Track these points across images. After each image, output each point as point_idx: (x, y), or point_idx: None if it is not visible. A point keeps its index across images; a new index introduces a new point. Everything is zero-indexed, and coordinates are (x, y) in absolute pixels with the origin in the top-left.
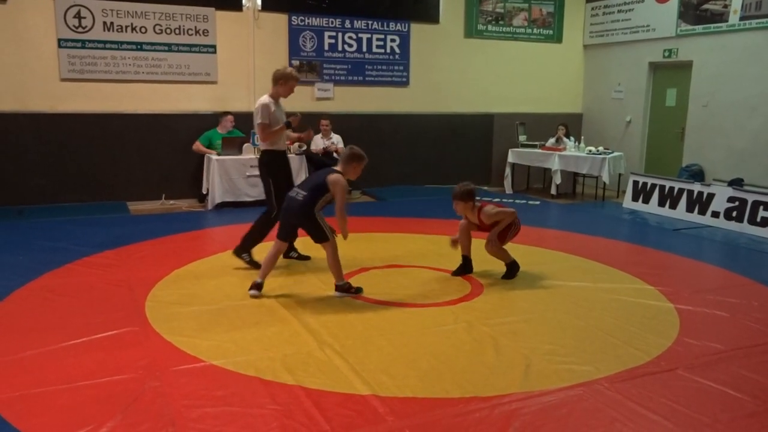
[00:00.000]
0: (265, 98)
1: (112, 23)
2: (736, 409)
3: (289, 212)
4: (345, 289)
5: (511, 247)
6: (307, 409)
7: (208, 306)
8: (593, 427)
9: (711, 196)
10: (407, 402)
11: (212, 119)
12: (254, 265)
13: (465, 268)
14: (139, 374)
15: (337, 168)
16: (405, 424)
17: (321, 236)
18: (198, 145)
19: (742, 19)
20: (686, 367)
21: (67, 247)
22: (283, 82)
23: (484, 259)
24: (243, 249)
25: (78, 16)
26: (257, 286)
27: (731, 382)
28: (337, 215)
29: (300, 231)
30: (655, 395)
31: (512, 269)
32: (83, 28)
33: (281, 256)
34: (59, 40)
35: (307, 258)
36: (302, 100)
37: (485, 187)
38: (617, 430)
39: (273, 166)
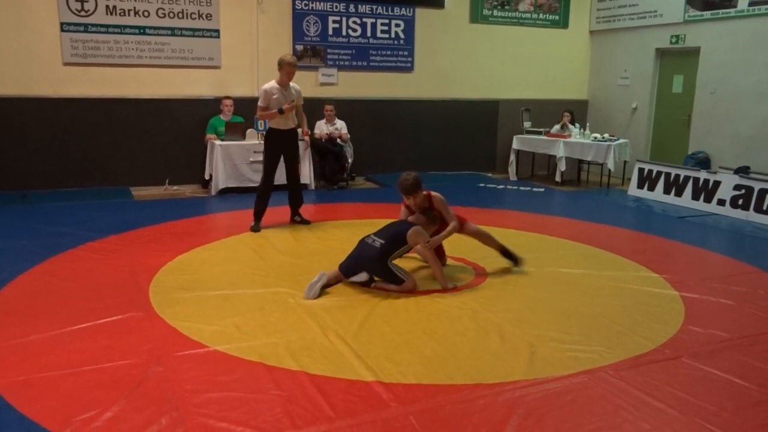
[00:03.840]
0: (270, 83)
1: (114, 7)
2: (742, 397)
3: (362, 259)
4: None
5: (515, 234)
6: (311, 395)
7: (212, 292)
8: (597, 415)
9: (717, 183)
10: (411, 388)
11: (215, 104)
12: (256, 230)
13: None
14: (143, 359)
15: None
16: (409, 411)
17: (396, 281)
18: (208, 137)
19: (751, 4)
20: (691, 355)
21: (70, 233)
22: (280, 68)
23: (487, 251)
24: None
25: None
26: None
27: (736, 370)
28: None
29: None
30: (660, 383)
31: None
32: (86, 11)
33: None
34: (62, 24)
35: (307, 222)
36: (306, 85)
37: (490, 174)
38: (622, 418)
39: (270, 143)
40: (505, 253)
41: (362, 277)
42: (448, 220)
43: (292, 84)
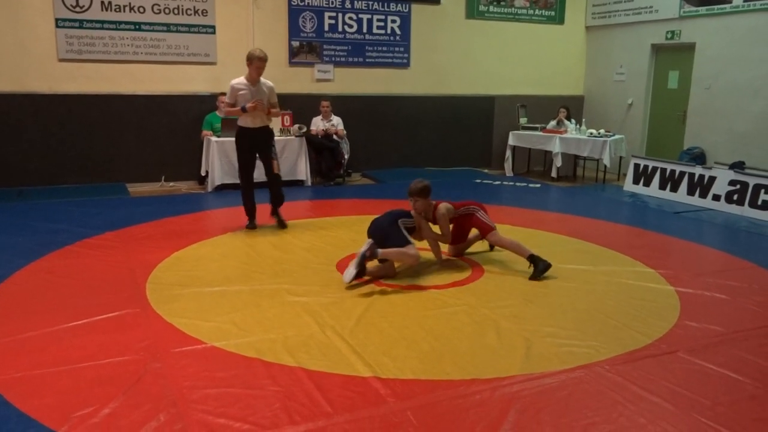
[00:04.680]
0: (238, 79)
1: (110, 3)
2: (737, 391)
3: (375, 225)
4: None
5: (511, 231)
6: (308, 390)
7: (209, 288)
8: (594, 409)
9: (712, 179)
10: (408, 384)
11: (212, 101)
12: (251, 227)
13: None
14: (141, 356)
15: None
16: (406, 406)
17: (401, 242)
18: (204, 133)
19: (746, 0)
20: (687, 349)
21: (67, 229)
22: (249, 63)
23: (484, 248)
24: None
25: None
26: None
27: (731, 364)
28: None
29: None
30: (656, 377)
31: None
32: (81, 7)
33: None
34: (57, 20)
35: (284, 225)
36: (302, 81)
37: (486, 170)
38: (618, 412)
39: (240, 142)
40: (534, 260)
41: (366, 245)
42: (441, 233)
43: (263, 80)
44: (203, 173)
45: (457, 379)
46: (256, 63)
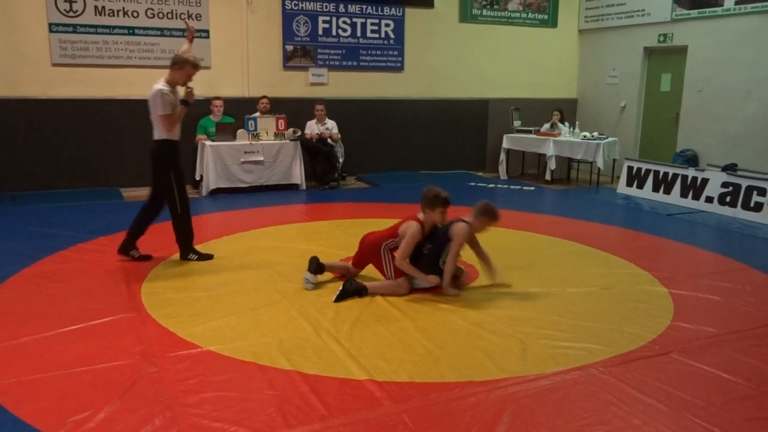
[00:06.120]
0: (161, 85)
1: (103, 7)
2: (730, 392)
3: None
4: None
5: (506, 233)
6: (304, 393)
7: (204, 292)
8: (588, 411)
9: (705, 181)
10: (404, 386)
11: (206, 105)
12: (205, 257)
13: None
14: (136, 360)
15: (467, 219)
16: (402, 408)
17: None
18: (198, 137)
19: (737, 3)
20: (680, 350)
21: (61, 234)
22: (178, 68)
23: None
24: (186, 252)
25: (69, 0)
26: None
27: (724, 365)
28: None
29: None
30: (650, 379)
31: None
32: (74, 12)
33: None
34: (50, 25)
35: (209, 257)
36: (297, 85)
37: (480, 173)
38: (612, 413)
39: (169, 153)
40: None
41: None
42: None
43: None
44: (197, 177)
45: (452, 381)
46: (189, 69)
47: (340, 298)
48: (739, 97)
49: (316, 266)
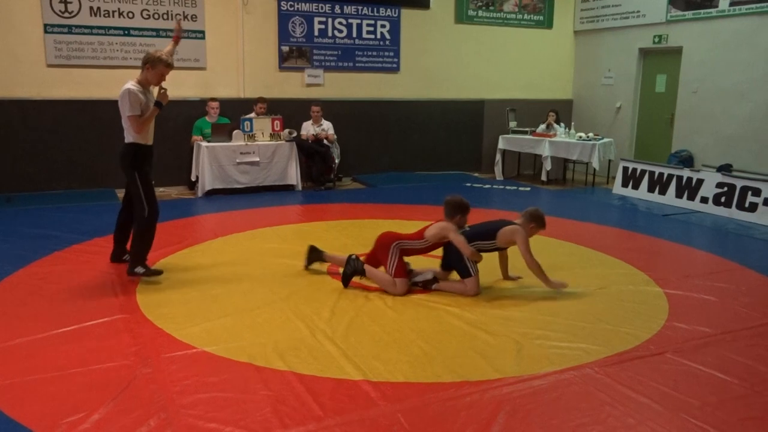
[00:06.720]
0: (131, 85)
1: (98, 8)
2: (724, 391)
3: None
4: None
5: None
6: (299, 394)
7: (199, 293)
8: (583, 411)
9: (700, 181)
10: (399, 387)
11: (201, 106)
12: (153, 273)
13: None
14: (131, 361)
15: (518, 222)
16: (397, 409)
17: (465, 273)
18: (194, 138)
19: (732, 4)
20: (675, 350)
21: (56, 235)
22: (150, 67)
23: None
24: (135, 263)
25: (64, 1)
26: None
27: (719, 365)
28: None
29: None
30: (645, 378)
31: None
32: (69, 13)
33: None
34: (45, 26)
35: (158, 272)
36: (292, 86)
37: (476, 174)
38: (607, 413)
39: (139, 158)
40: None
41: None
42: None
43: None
44: (193, 178)
45: (448, 381)
46: (162, 69)
47: (345, 281)
48: (734, 98)
49: (313, 253)
